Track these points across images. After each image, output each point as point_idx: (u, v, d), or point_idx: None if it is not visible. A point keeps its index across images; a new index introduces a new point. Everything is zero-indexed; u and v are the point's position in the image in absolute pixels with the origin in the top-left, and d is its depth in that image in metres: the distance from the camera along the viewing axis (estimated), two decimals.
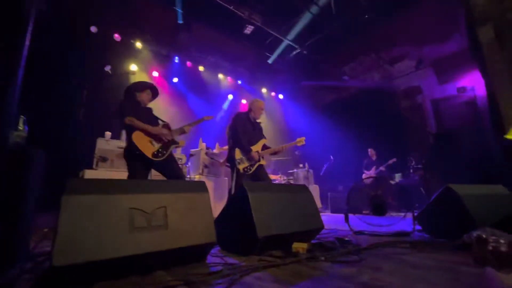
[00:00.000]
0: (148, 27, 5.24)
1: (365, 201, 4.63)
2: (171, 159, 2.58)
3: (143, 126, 2.40)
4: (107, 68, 2.36)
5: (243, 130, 3.11)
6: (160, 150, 2.45)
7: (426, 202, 2.54)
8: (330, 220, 4.05)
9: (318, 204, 5.76)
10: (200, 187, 1.66)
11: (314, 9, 5.38)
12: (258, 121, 3.36)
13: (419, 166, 5.18)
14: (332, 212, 5.39)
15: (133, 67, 5.17)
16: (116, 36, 4.97)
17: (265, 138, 3.25)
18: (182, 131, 2.73)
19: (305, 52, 6.88)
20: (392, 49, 6.78)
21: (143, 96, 2.62)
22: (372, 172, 5.65)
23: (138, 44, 5.35)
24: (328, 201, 5.70)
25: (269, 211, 1.80)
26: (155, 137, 2.46)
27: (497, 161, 4.27)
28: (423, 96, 6.96)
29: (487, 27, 5.35)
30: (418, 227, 2.56)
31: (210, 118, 3.09)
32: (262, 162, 3.11)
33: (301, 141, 3.36)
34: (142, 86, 2.64)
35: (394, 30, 6.07)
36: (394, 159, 5.32)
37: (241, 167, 2.99)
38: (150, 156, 2.36)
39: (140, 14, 4.89)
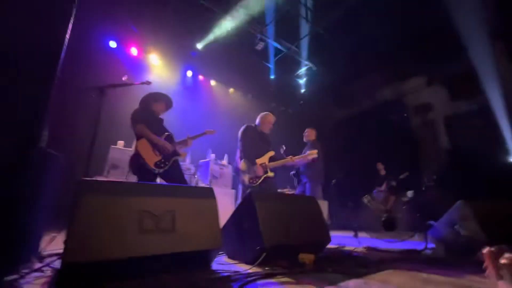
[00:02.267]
0: (163, 42, 5.50)
1: (375, 217, 4.50)
2: (175, 168, 2.64)
3: (150, 135, 2.49)
4: (124, 78, 2.48)
5: (250, 142, 3.13)
6: (162, 160, 2.51)
7: (439, 219, 2.47)
8: (339, 237, 3.95)
9: (327, 220, 5.63)
10: (208, 193, 1.68)
11: (322, 26, 5.53)
12: (266, 133, 3.38)
13: (431, 183, 5.03)
14: (341, 229, 5.26)
15: (148, 78, 5.38)
16: (133, 50, 5.24)
17: (272, 150, 3.24)
18: (185, 144, 2.83)
19: (314, 68, 7.00)
20: (402, 65, 6.79)
21: (158, 106, 2.75)
22: (383, 188, 5.51)
23: (153, 58, 5.59)
24: (338, 217, 5.57)
25: (276, 221, 1.80)
26: (158, 148, 2.53)
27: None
28: (435, 113, 6.89)
29: (500, 43, 5.35)
30: (430, 245, 2.48)
31: (212, 133, 3.17)
32: (270, 174, 3.09)
33: (312, 153, 3.35)
34: (158, 97, 2.76)
35: (403, 47, 6.12)
36: (407, 173, 5.19)
37: (246, 178, 3.00)
38: (152, 165, 2.43)
39: (155, 27, 5.14)
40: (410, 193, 5.63)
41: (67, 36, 1.75)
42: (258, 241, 1.63)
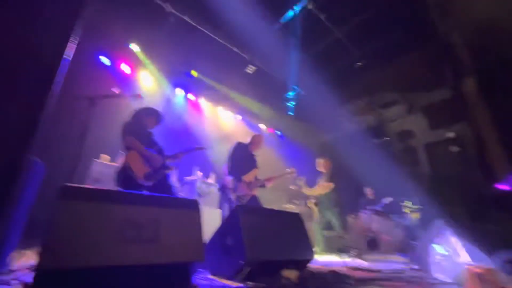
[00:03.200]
0: (156, 61, 5.62)
1: (360, 237, 4.51)
2: (164, 183, 2.63)
3: (140, 147, 2.50)
4: (115, 90, 2.52)
5: (239, 160, 3.18)
6: (151, 173, 2.50)
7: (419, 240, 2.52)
8: (325, 260, 3.90)
9: (313, 244, 5.56)
10: (192, 204, 1.67)
11: (309, 54, 5.85)
12: (254, 153, 3.46)
13: (415, 207, 5.16)
14: (327, 252, 5.19)
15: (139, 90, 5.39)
16: (125, 68, 5.31)
17: (257, 168, 3.30)
18: (175, 157, 2.83)
19: (302, 92, 7.28)
20: (384, 94, 7.18)
21: (149, 120, 2.77)
22: (368, 213, 5.57)
23: (144, 75, 5.66)
24: (324, 240, 5.51)
25: (260, 236, 1.78)
26: (148, 160, 2.52)
27: (490, 207, 4.32)
28: (416, 140, 7.22)
29: (470, 79, 5.80)
30: (414, 266, 2.50)
31: (202, 149, 3.20)
32: (254, 192, 3.12)
33: (291, 172, 3.43)
34: (149, 111, 2.81)
35: (384, 77, 6.52)
36: (391, 198, 5.30)
37: (234, 196, 3.00)
38: (141, 176, 2.41)
39: (147, 47, 5.27)
40: (394, 217, 5.70)
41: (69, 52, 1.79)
42: (241, 256, 1.61)
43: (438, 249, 2.17)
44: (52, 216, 1.15)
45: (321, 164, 4.46)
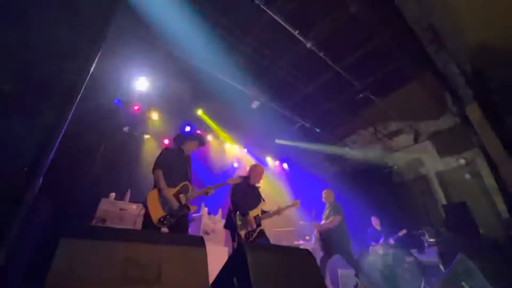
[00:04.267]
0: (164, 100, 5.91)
1: (375, 272, 4.19)
2: (182, 224, 2.47)
3: (160, 186, 2.37)
4: (125, 129, 2.61)
5: (242, 194, 3.10)
6: (167, 217, 2.35)
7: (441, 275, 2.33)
8: None
9: (328, 283, 5.18)
10: (197, 241, 1.62)
11: (312, 87, 6.06)
12: (257, 185, 3.40)
13: (432, 240, 4.85)
14: None
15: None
16: (136, 108, 5.58)
17: (263, 201, 3.21)
18: (205, 193, 2.73)
19: (307, 125, 7.39)
20: (388, 124, 7.23)
21: (191, 145, 2.77)
22: (381, 243, 5.23)
23: (154, 115, 5.92)
24: (339, 279, 5.15)
25: (268, 273, 1.69)
26: (164, 202, 2.38)
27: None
28: (426, 168, 7.06)
29: (473, 105, 5.83)
30: None
31: (235, 181, 3.09)
32: (261, 227, 3.01)
33: (296, 204, 3.34)
34: (192, 135, 2.86)
35: (388, 108, 6.62)
36: (405, 231, 5.01)
37: (242, 233, 2.88)
38: (155, 221, 2.27)
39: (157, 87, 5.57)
40: (413, 252, 5.35)
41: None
42: None
43: (461, 284, 2.00)
44: (54, 253, 1.14)
45: (324, 196, 4.38)
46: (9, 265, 1.38)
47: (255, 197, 3.21)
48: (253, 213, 3.00)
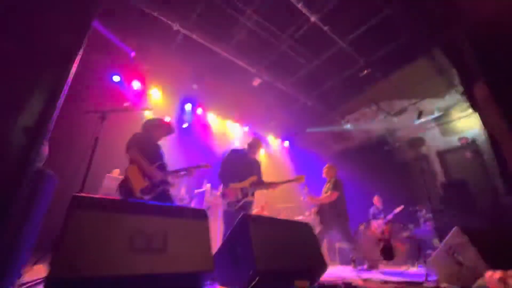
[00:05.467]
0: (165, 76, 5.81)
1: (373, 246, 4.35)
2: (165, 198, 2.60)
3: (140, 160, 2.51)
4: (126, 104, 2.61)
5: (228, 166, 3.16)
6: (148, 186, 2.50)
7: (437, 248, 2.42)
8: (338, 272, 3.77)
9: (326, 256, 5.40)
10: (200, 214, 1.67)
11: (315, 63, 5.89)
12: (255, 158, 3.41)
13: (429, 215, 4.98)
14: (341, 264, 5.03)
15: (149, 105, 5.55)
16: (135, 84, 5.50)
17: (255, 175, 3.19)
18: (176, 173, 2.79)
19: (309, 103, 7.30)
20: (392, 101, 7.11)
21: (157, 131, 2.80)
22: (381, 222, 5.39)
23: (154, 91, 5.84)
24: (336, 252, 5.37)
25: (270, 245, 1.75)
26: (147, 175, 2.52)
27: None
28: (427, 147, 7.06)
29: (481, 83, 5.69)
30: (431, 277, 2.39)
31: (205, 167, 3.10)
32: (249, 198, 3.04)
33: (300, 178, 3.30)
34: (158, 122, 2.85)
35: (391, 85, 6.48)
36: (402, 206, 5.12)
37: (226, 201, 2.98)
38: (137, 190, 2.41)
39: (158, 64, 5.46)
40: (411, 227, 5.49)
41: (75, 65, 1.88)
42: (251, 265, 1.58)
43: (455, 256, 2.08)
44: (63, 225, 1.18)
45: (325, 171, 4.38)
46: (17, 238, 1.43)
47: (247, 169, 3.19)
48: (238, 185, 3.03)
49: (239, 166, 3.17)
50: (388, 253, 4.03)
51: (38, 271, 2.00)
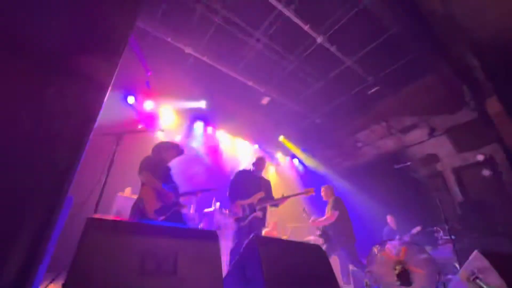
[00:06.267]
0: (177, 96, 6.00)
1: (389, 270, 4.13)
2: (177, 219, 2.67)
3: (154, 183, 2.59)
4: (140, 126, 2.72)
5: (236, 184, 3.32)
6: (162, 208, 2.57)
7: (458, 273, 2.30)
8: None
9: (339, 279, 5.18)
10: (211, 235, 1.67)
11: (322, 82, 5.98)
12: (261, 176, 3.55)
13: (447, 237, 4.74)
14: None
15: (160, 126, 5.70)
16: (148, 104, 5.70)
17: (262, 191, 3.28)
18: (188, 195, 2.96)
19: (317, 121, 7.32)
20: (402, 118, 7.05)
21: (169, 153, 2.90)
22: (396, 243, 5.15)
23: (165, 110, 6.02)
24: (350, 275, 5.14)
25: (280, 268, 1.72)
26: (160, 196, 2.60)
27: None
28: (442, 164, 6.86)
29: (493, 99, 5.59)
30: None
31: (215, 190, 3.29)
32: (258, 214, 3.13)
33: (309, 191, 3.34)
34: (169, 144, 2.96)
35: (401, 102, 6.46)
36: (419, 228, 4.91)
37: (234, 218, 3.09)
38: (151, 211, 2.48)
39: (169, 84, 5.66)
40: (428, 249, 5.23)
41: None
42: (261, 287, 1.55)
43: (477, 282, 1.97)
44: (77, 247, 1.20)
45: (323, 193, 4.35)
46: (35, 260, 1.47)
47: (255, 187, 3.29)
48: (245, 201, 3.14)
49: (247, 185, 3.29)
50: (405, 278, 3.83)
51: None
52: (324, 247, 3.82)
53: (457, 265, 4.05)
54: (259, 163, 3.54)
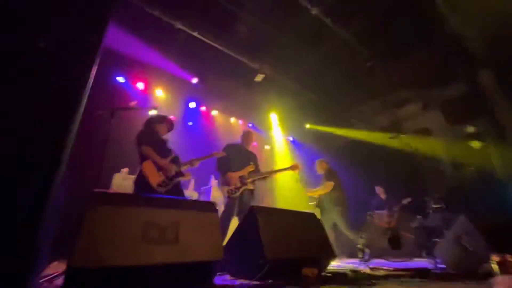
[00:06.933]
0: (168, 78, 5.86)
1: (380, 235, 4.37)
2: (177, 190, 2.73)
3: (154, 156, 2.61)
4: (133, 103, 2.68)
5: (227, 158, 3.35)
6: (164, 181, 2.61)
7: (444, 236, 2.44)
8: (346, 264, 3.81)
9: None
10: (209, 207, 1.72)
11: (317, 56, 5.87)
12: (250, 150, 3.65)
13: (438, 206, 4.95)
14: (348, 257, 5.05)
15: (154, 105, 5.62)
16: (140, 85, 5.57)
17: (251, 164, 3.37)
18: (191, 164, 2.93)
19: (313, 96, 7.27)
20: (397, 92, 7.04)
21: (160, 127, 2.88)
22: (385, 212, 5.34)
23: (159, 92, 5.91)
24: (345, 244, 5.39)
25: (278, 235, 1.80)
26: (162, 169, 2.63)
27: None
28: (434, 137, 6.99)
29: (487, 71, 5.60)
30: (440, 265, 2.41)
31: (220, 155, 3.28)
32: (249, 186, 3.24)
33: (295, 166, 3.48)
34: (160, 118, 2.94)
35: (395, 76, 6.42)
36: (409, 199, 5.08)
37: (226, 189, 3.15)
38: (154, 184, 2.52)
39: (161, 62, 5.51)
40: (418, 219, 5.46)
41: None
42: (260, 254, 1.63)
43: (462, 243, 2.09)
44: (81, 219, 1.23)
45: (317, 167, 4.47)
46: (39, 231, 1.50)
47: (244, 160, 3.37)
48: (239, 173, 3.22)
49: (236, 158, 3.36)
50: (395, 242, 4.05)
51: (56, 267, 2.08)
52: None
53: (445, 232, 4.26)
54: (247, 137, 3.66)
